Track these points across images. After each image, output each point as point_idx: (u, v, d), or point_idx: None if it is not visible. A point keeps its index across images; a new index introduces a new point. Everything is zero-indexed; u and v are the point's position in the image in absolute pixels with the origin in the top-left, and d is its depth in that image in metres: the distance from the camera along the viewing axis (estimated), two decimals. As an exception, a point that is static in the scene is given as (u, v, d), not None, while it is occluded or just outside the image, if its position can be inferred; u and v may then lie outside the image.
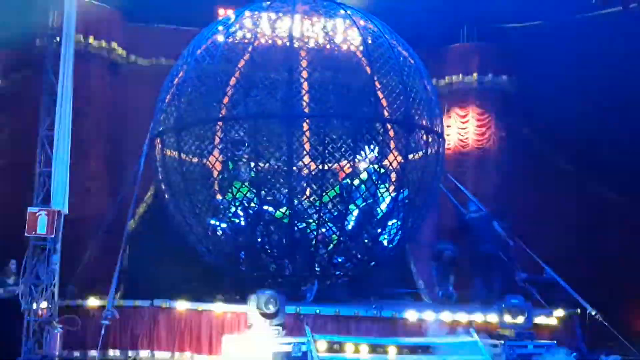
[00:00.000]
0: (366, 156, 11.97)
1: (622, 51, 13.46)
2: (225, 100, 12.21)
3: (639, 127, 13.52)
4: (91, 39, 14.09)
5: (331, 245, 11.79)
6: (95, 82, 14.07)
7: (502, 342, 10.02)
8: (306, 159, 11.94)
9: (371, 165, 11.98)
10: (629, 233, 14.14)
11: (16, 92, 13.23)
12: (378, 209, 11.96)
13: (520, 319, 10.23)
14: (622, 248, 14.05)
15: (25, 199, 11.01)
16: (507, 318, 10.31)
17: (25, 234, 10.75)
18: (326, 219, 11.66)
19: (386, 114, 12.15)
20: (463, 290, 13.07)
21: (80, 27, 12.05)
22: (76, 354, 10.83)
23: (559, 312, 11.58)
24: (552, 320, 11.24)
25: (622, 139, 13.83)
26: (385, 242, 12.20)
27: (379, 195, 11.85)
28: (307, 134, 12.38)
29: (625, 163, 13.78)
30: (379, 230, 12.00)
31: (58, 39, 11.44)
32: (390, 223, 12.05)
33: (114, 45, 14.54)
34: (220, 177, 11.95)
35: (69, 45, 11.47)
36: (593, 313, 11.75)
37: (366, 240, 12.10)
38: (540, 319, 10.96)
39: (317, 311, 10.45)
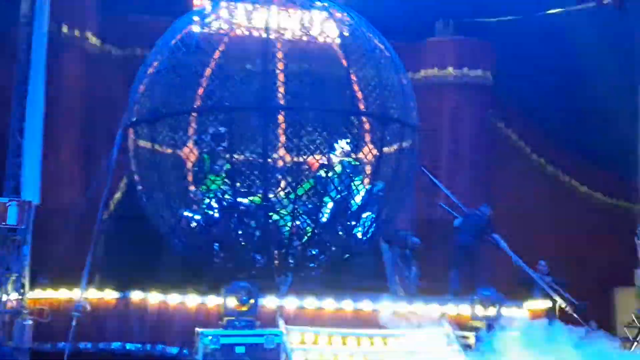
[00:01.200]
0: (341, 149, 11.99)
1: (598, 46, 13.59)
2: (200, 91, 12.12)
3: (614, 120, 13.66)
4: (65, 28, 13.93)
5: (305, 238, 11.77)
6: (68, 71, 13.93)
7: (474, 333, 10.08)
8: (281, 151, 11.88)
9: (346, 158, 11.99)
10: (605, 228, 14.32)
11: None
12: (352, 202, 11.96)
13: (492, 311, 10.25)
14: (597, 242, 14.22)
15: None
16: (479, 310, 10.31)
17: (-6, 225, 10.66)
18: (300, 212, 11.65)
19: (362, 106, 12.14)
20: (437, 282, 13.11)
21: (54, 16, 11.86)
22: (47, 346, 10.71)
23: (531, 304, 11.67)
24: (523, 312, 11.32)
25: (599, 134, 13.97)
26: (359, 235, 12.21)
27: (354, 187, 11.86)
28: (283, 126, 12.32)
29: (602, 157, 13.93)
30: (354, 223, 12.01)
31: (30, 27, 11.31)
32: (364, 215, 12.07)
33: (88, 34, 14.40)
34: (195, 168, 11.88)
35: (42, 34, 11.35)
36: (563, 306, 11.88)
37: (340, 233, 12.09)
38: (512, 311, 11.02)
39: (291, 303, 10.41)
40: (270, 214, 11.53)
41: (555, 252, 14.13)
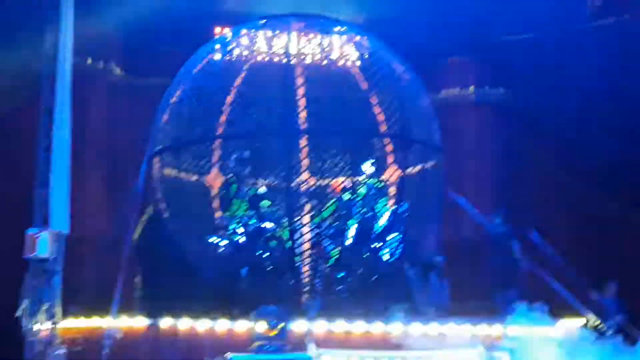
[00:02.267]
0: (364, 171, 12.03)
1: (618, 62, 13.55)
2: (223, 118, 12.22)
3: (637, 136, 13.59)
4: (89, 60, 14.15)
5: (331, 260, 11.77)
6: (93, 102, 14.12)
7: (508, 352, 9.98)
8: (304, 175, 11.93)
9: (370, 180, 12.02)
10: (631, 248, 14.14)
11: (15, 115, 13.22)
12: (377, 224, 11.96)
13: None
14: (622, 260, 14.03)
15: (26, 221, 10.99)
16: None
17: (24, 256, 10.75)
18: (325, 235, 11.67)
19: (383, 128, 12.19)
20: (465, 302, 13.00)
21: (78, 48, 12.04)
22: (79, 374, 10.75)
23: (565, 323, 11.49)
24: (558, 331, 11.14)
25: (621, 149, 13.87)
26: (386, 257, 12.17)
27: (378, 209, 11.86)
28: (305, 150, 12.38)
29: (625, 173, 13.81)
30: (380, 245, 11.99)
31: (55, 60, 11.49)
32: (390, 237, 12.06)
33: (112, 65, 14.60)
34: (220, 195, 11.95)
35: (66, 67, 11.51)
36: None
37: (366, 255, 12.06)
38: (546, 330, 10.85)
39: (320, 326, 10.39)
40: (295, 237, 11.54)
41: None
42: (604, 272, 13.36)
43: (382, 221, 11.96)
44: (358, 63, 12.22)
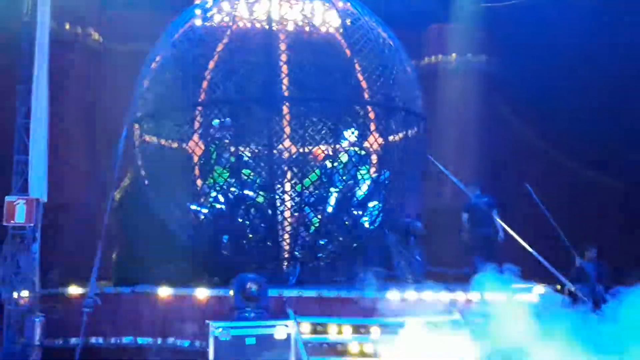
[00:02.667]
0: (346, 138, 11.99)
1: (604, 29, 13.52)
2: (204, 84, 12.10)
3: (621, 104, 13.61)
4: (67, 26, 13.95)
5: (312, 228, 11.79)
6: (72, 69, 13.96)
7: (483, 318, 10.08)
8: (287, 143, 11.87)
9: (351, 148, 12.00)
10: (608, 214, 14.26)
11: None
12: (359, 191, 11.97)
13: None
14: (600, 228, 14.15)
15: (4, 188, 10.91)
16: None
17: (4, 223, 10.72)
18: (307, 202, 11.67)
19: (366, 96, 12.13)
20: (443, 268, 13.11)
21: (56, 14, 11.87)
22: (58, 342, 10.76)
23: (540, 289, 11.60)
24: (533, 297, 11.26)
25: (604, 118, 13.91)
26: (366, 224, 12.21)
27: (360, 177, 11.86)
28: (287, 117, 12.31)
29: (607, 142, 13.86)
30: (360, 212, 12.01)
31: (33, 26, 11.33)
32: (371, 205, 12.08)
33: (90, 31, 14.42)
34: (200, 162, 11.88)
35: (44, 32, 11.35)
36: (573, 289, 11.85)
37: (347, 223, 12.09)
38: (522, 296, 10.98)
39: (300, 293, 10.43)
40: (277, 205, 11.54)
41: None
42: (583, 238, 13.50)
43: (364, 189, 11.96)
44: (341, 30, 12.07)
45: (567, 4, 13.95)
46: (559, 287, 11.99)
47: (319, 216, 11.71)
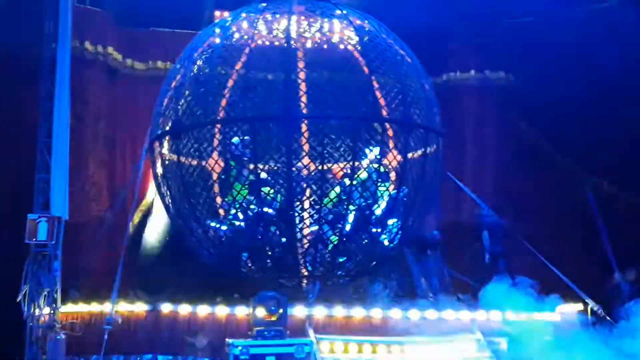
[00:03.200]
0: (366, 156, 12.00)
1: (620, 45, 13.46)
2: (223, 102, 12.17)
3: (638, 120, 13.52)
4: (87, 44, 14.10)
5: (331, 245, 11.79)
6: (92, 87, 14.09)
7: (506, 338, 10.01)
8: (305, 160, 11.90)
9: (371, 165, 12.00)
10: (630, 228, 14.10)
11: (16, 100, 13.20)
12: (377, 209, 11.96)
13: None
14: (622, 244, 14.01)
15: (26, 206, 11.01)
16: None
17: (26, 241, 10.81)
18: (326, 220, 11.66)
19: (384, 113, 12.14)
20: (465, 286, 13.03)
21: (76, 33, 12.01)
22: (79, 359, 10.81)
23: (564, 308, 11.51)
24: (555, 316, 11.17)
25: (622, 133, 13.81)
26: (386, 242, 12.19)
27: (379, 194, 11.86)
28: (306, 134, 12.35)
29: (629, 158, 13.75)
30: (379, 230, 11.99)
31: (54, 45, 11.47)
32: (390, 222, 12.05)
33: (110, 49, 14.56)
34: (220, 179, 11.92)
35: (65, 51, 11.52)
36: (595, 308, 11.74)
37: (366, 240, 12.06)
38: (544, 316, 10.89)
39: (320, 311, 10.41)
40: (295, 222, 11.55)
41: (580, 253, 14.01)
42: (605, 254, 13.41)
43: (382, 206, 11.95)
44: (359, 47, 12.11)
45: (585, 19, 13.92)
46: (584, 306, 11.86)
47: (338, 233, 11.70)
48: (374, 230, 11.99)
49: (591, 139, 14.40)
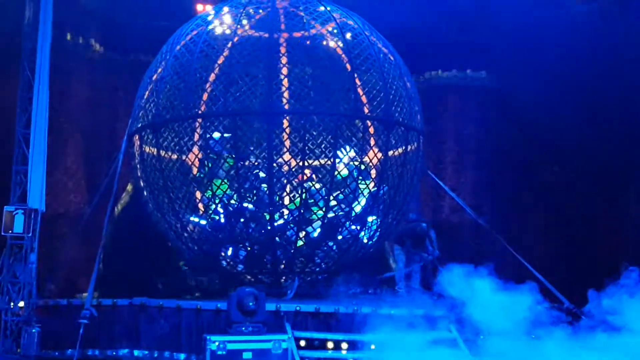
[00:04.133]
0: (346, 153, 12.01)
1: (603, 46, 13.56)
2: (205, 96, 12.11)
3: (621, 121, 13.60)
4: (68, 36, 13.98)
5: (311, 242, 11.78)
6: (72, 78, 13.96)
7: None
8: (286, 156, 11.89)
9: (351, 162, 12.02)
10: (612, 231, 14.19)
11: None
12: (357, 206, 11.97)
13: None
14: (602, 244, 14.11)
15: (2, 198, 10.91)
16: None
17: (2, 233, 10.71)
18: (305, 217, 11.67)
19: (366, 110, 12.16)
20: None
21: (57, 24, 11.88)
22: (54, 353, 10.73)
23: None
24: None
25: (609, 132, 13.89)
26: (365, 239, 12.20)
27: (359, 191, 11.87)
28: (287, 130, 12.34)
29: (608, 159, 13.83)
30: (358, 227, 12.01)
31: (34, 35, 11.36)
32: (370, 219, 12.07)
33: (91, 41, 14.45)
34: (199, 174, 11.88)
35: (46, 42, 11.40)
36: None
37: (342, 237, 12.03)
38: None
39: (298, 308, 10.41)
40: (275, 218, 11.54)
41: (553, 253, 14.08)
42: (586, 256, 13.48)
43: (362, 204, 11.96)
44: (342, 44, 12.10)
45: (569, 20, 13.98)
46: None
47: (318, 230, 11.70)
48: (353, 227, 12.01)
49: (573, 139, 14.47)
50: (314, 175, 12.44)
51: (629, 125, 13.53)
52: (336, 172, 11.67)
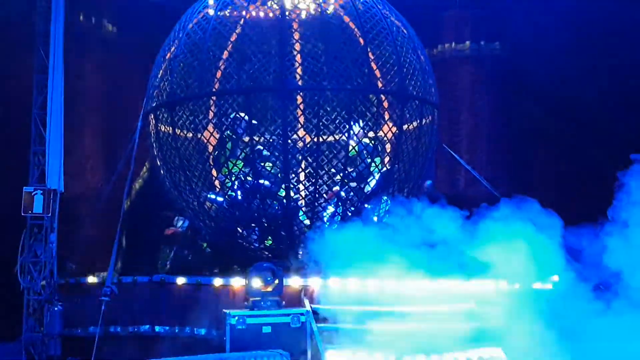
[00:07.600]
0: (360, 129, 11.99)
1: (617, 18, 13.43)
2: (218, 74, 12.12)
3: (634, 89, 13.50)
4: (81, 16, 14.02)
5: (327, 216, 11.84)
6: (86, 59, 14.02)
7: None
8: (301, 132, 11.89)
9: (365, 138, 12.01)
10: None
11: (9, 72, 13.13)
12: (372, 180, 11.99)
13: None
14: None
15: (22, 178, 11.03)
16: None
17: (22, 214, 10.84)
18: (321, 192, 11.70)
19: (380, 84, 12.12)
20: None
21: (70, 5, 11.92)
22: (77, 331, 10.90)
23: None
24: None
25: (622, 103, 13.79)
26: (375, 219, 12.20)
27: (374, 166, 11.88)
28: (301, 106, 12.33)
29: (626, 129, 13.74)
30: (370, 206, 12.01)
31: (48, 16, 11.41)
32: (381, 198, 12.07)
33: (104, 22, 14.48)
34: (216, 152, 11.92)
35: (59, 24, 11.46)
36: None
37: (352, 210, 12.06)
38: None
39: (315, 282, 10.48)
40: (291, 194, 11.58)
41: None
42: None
43: (375, 180, 11.97)
44: (354, 18, 12.04)
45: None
46: None
47: (333, 206, 11.74)
48: (365, 205, 12.01)
49: (590, 108, 14.38)
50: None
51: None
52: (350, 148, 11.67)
